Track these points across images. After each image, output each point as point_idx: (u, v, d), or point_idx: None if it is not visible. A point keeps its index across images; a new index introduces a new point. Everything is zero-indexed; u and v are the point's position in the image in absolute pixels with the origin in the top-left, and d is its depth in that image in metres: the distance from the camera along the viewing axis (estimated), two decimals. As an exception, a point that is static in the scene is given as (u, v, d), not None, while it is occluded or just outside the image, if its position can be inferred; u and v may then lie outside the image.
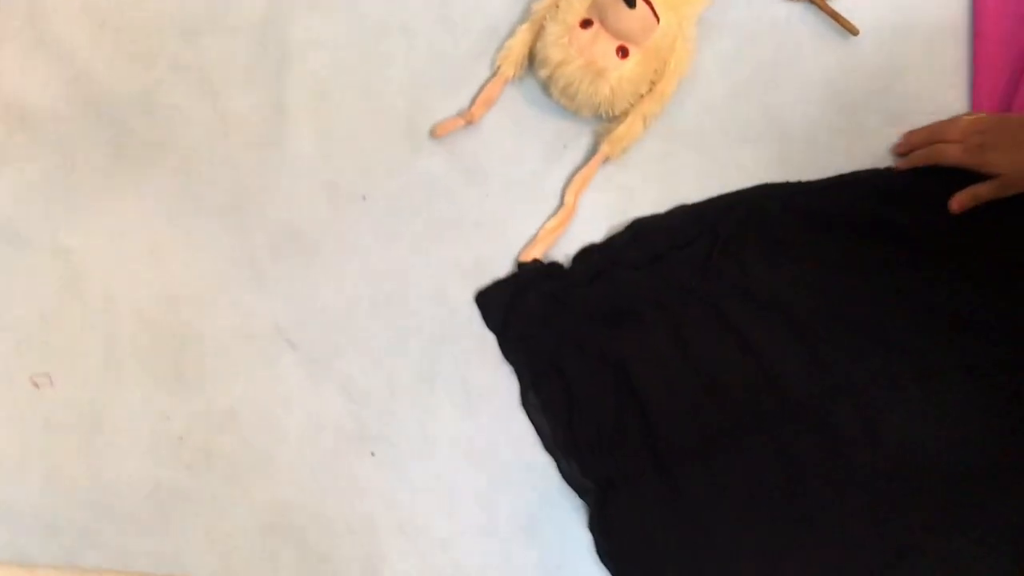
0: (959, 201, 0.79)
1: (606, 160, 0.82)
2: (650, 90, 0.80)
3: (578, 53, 0.78)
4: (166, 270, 0.79)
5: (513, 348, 0.79)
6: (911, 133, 0.83)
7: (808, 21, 0.86)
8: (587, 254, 0.80)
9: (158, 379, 0.77)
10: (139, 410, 0.77)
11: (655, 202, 0.82)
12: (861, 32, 0.85)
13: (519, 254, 0.80)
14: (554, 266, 0.80)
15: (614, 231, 0.81)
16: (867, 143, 0.84)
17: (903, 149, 0.83)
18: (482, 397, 0.79)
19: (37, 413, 0.76)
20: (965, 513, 0.75)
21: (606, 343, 0.78)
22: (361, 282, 0.80)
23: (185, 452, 0.76)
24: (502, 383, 0.79)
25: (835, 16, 0.85)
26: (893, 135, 0.84)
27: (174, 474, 0.76)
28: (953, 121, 0.81)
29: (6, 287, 0.78)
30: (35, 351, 0.77)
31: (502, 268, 0.80)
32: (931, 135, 0.81)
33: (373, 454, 0.77)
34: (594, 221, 0.81)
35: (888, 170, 0.82)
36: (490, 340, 0.79)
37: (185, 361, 0.78)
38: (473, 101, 0.82)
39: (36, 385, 0.76)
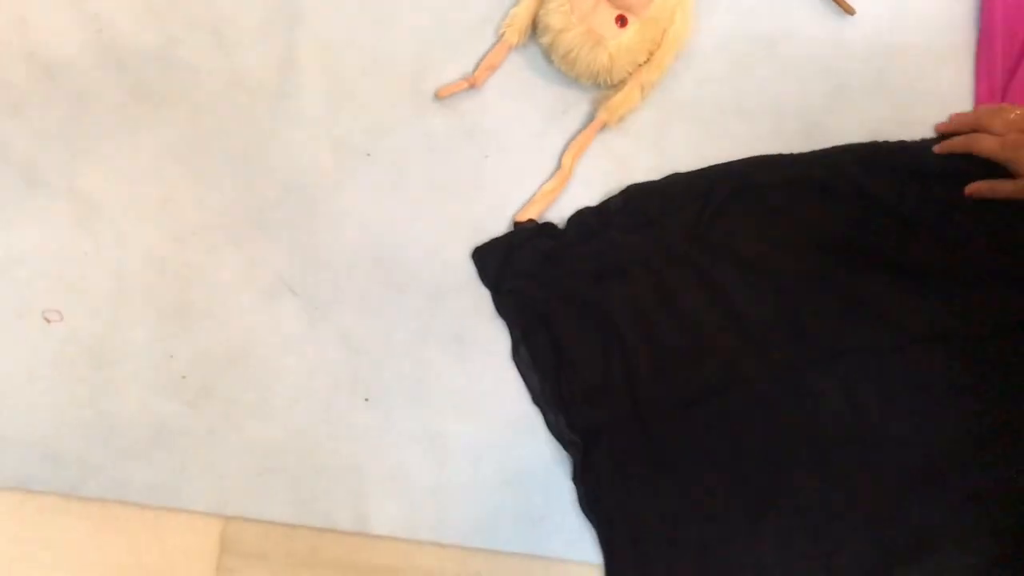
0: (976, 188, 0.79)
1: (603, 127, 0.84)
2: (648, 60, 0.83)
3: (579, 21, 0.80)
4: (175, 213, 0.82)
5: (506, 304, 0.81)
6: (957, 116, 0.84)
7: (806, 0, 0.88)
8: (581, 216, 0.83)
9: (163, 318, 0.80)
10: (144, 347, 0.80)
11: (650, 169, 0.84)
12: (858, 12, 0.87)
13: (516, 214, 0.83)
14: (549, 226, 0.82)
15: (609, 195, 0.83)
16: (861, 121, 0.86)
17: (945, 129, 0.84)
18: (475, 351, 0.81)
19: (46, 347, 0.79)
20: (941, 480, 0.77)
21: (594, 298, 0.80)
22: (362, 235, 0.82)
23: (187, 390, 0.79)
24: (495, 338, 0.81)
25: (833, -5, 0.87)
26: (887, 114, 0.86)
27: (176, 409, 0.79)
28: (1000, 112, 0.81)
29: (21, 224, 0.81)
30: (47, 287, 0.80)
31: (499, 227, 0.83)
32: (975, 122, 0.82)
33: (367, 400, 0.80)
34: (590, 185, 0.84)
35: (877, 143, 0.84)
36: (485, 296, 0.82)
37: (190, 301, 0.80)
38: (477, 65, 0.85)
39: (48, 320, 0.80)
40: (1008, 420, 0.77)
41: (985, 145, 0.79)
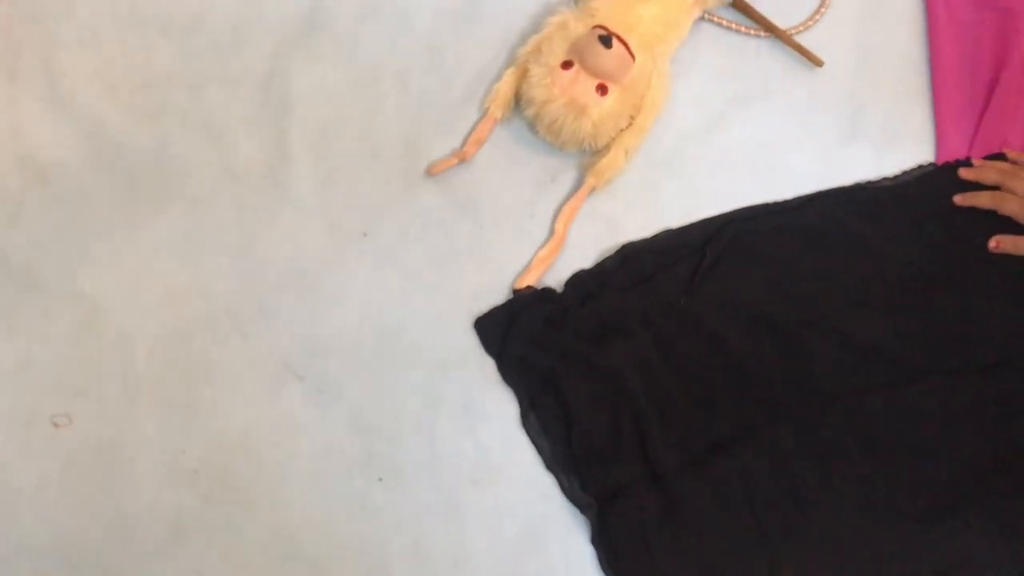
0: (999, 242, 0.82)
1: (592, 191, 0.86)
2: (630, 124, 0.85)
3: (561, 92, 0.83)
4: (177, 307, 0.82)
5: (511, 371, 0.82)
6: (982, 168, 0.86)
7: (775, 55, 0.92)
8: (578, 278, 0.84)
9: (172, 413, 0.80)
10: (155, 444, 0.80)
11: (640, 228, 0.86)
12: (825, 64, 0.91)
13: (514, 282, 0.84)
14: (547, 291, 0.84)
15: (603, 256, 0.85)
16: (839, 166, 0.89)
17: (969, 176, 0.86)
18: (485, 420, 0.82)
19: (57, 452, 0.79)
20: (954, 513, 0.78)
21: (598, 359, 0.81)
22: (364, 314, 0.83)
23: (200, 483, 0.79)
24: (503, 406, 0.82)
25: (800, 49, 0.91)
26: (863, 157, 0.89)
27: (191, 504, 0.78)
28: (1012, 181, 0.83)
29: (24, 330, 0.81)
30: (54, 391, 0.80)
31: (498, 296, 0.84)
32: (1001, 178, 0.84)
33: (381, 479, 0.80)
34: (583, 248, 0.86)
35: (861, 185, 0.87)
36: (490, 365, 0.83)
37: (198, 394, 0.81)
38: (465, 141, 0.87)
39: (56, 425, 0.79)
40: (1012, 448, 0.79)
41: (1009, 207, 0.82)
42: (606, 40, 0.81)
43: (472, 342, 0.83)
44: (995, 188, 0.85)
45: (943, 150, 0.89)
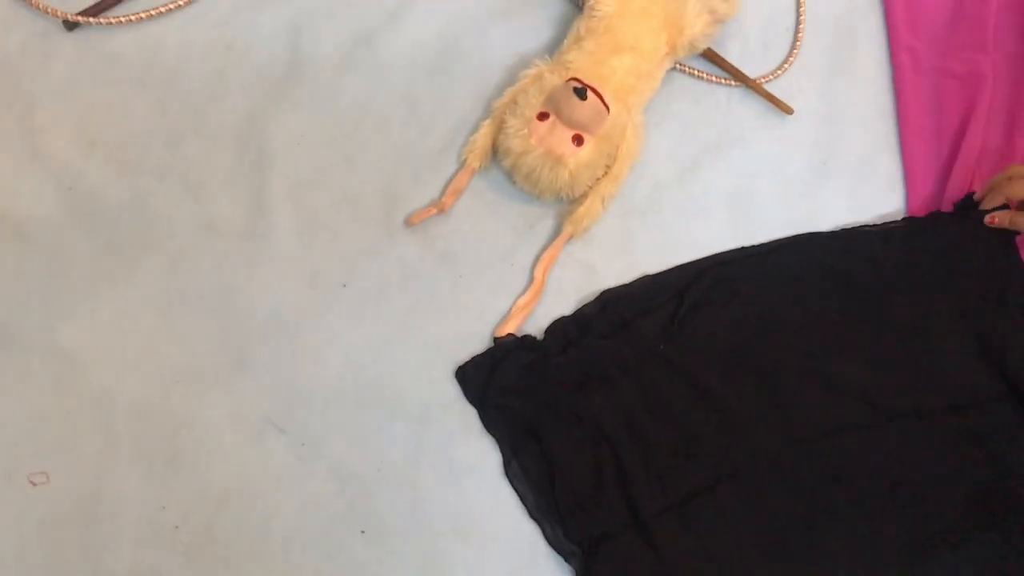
0: (995, 217, 0.85)
1: (570, 239, 0.87)
2: (606, 173, 0.87)
3: (537, 143, 0.84)
4: (157, 362, 0.82)
5: (493, 420, 0.82)
6: (989, 192, 0.86)
7: (747, 103, 0.94)
8: (559, 325, 0.85)
9: (152, 469, 0.79)
10: (135, 501, 0.79)
11: (618, 274, 0.87)
12: (795, 112, 0.93)
13: (494, 330, 0.85)
14: (528, 339, 0.84)
15: (582, 303, 0.86)
16: (812, 210, 0.91)
17: (984, 197, 0.87)
18: (467, 470, 0.82)
19: (34, 510, 0.78)
20: (936, 551, 0.79)
21: (579, 406, 0.82)
22: (344, 365, 0.83)
23: (181, 540, 0.78)
24: (486, 455, 0.82)
25: (770, 98, 0.93)
26: (837, 202, 0.91)
27: (172, 561, 0.77)
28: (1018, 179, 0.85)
29: (1, 387, 0.80)
30: (31, 449, 0.79)
31: (479, 345, 0.85)
32: (1009, 194, 0.85)
33: (363, 532, 0.80)
34: (562, 295, 0.87)
35: (842, 230, 0.90)
36: (472, 415, 0.83)
37: (178, 449, 0.80)
38: (443, 191, 0.88)
39: (33, 484, 0.78)
40: (992, 488, 0.80)
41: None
42: (581, 92, 0.82)
43: (453, 391, 0.84)
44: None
45: (913, 198, 0.91)
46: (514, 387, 0.82)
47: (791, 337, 0.85)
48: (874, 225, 0.90)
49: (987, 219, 0.86)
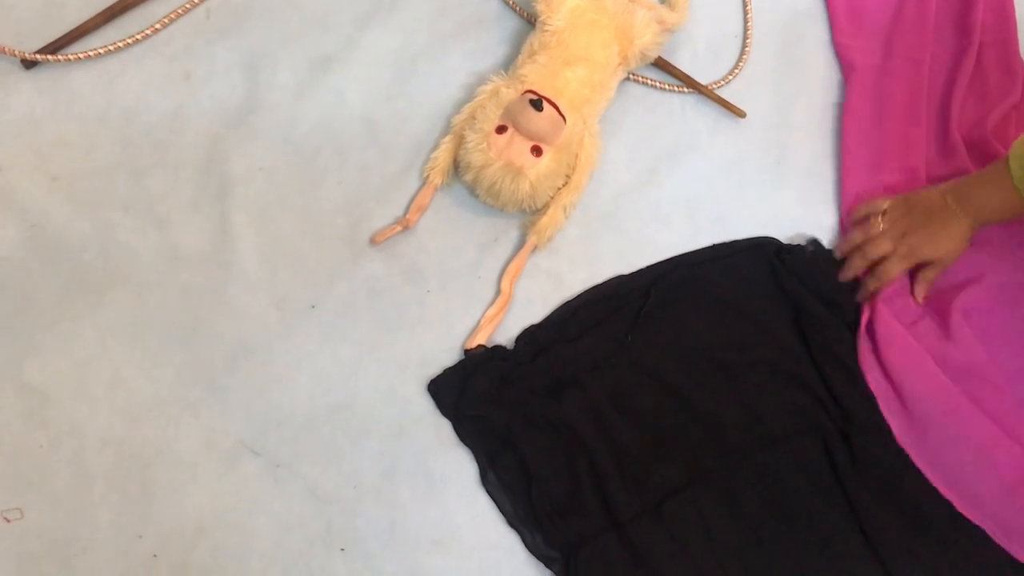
0: (919, 292, 0.86)
1: (534, 249, 0.88)
2: (566, 183, 0.88)
3: (497, 156, 0.85)
4: (127, 393, 0.82)
5: (468, 431, 0.83)
6: (848, 265, 0.87)
7: (701, 109, 0.96)
8: (528, 334, 0.86)
9: (127, 499, 0.79)
10: (111, 532, 0.78)
11: (583, 282, 0.88)
12: (748, 115, 0.95)
13: (464, 343, 0.85)
14: (499, 349, 0.85)
15: (549, 311, 0.87)
16: (768, 208, 0.93)
17: (847, 277, 0.88)
18: (444, 483, 0.82)
19: (8, 547, 0.77)
20: (913, 551, 0.80)
21: (552, 412, 0.82)
22: (316, 386, 0.84)
23: (160, 569, 0.77)
24: (462, 467, 0.82)
25: (723, 103, 0.95)
26: (790, 200, 0.93)
27: (150, 591, 0.77)
28: (873, 235, 0.86)
29: (-28, 428, 0.80)
30: (4, 486, 0.78)
31: (450, 358, 0.85)
32: (865, 256, 0.86)
33: (343, 550, 0.79)
34: (530, 304, 0.88)
35: (787, 247, 0.91)
36: (446, 427, 0.83)
37: (152, 478, 0.80)
38: (407, 209, 0.89)
39: (7, 520, 0.78)
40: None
41: (892, 271, 0.86)
42: (537, 104, 0.84)
43: (426, 406, 0.84)
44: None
45: (846, 196, 0.93)
46: (487, 397, 0.83)
47: (755, 336, 0.86)
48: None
49: (916, 297, 0.86)
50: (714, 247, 0.90)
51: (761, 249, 0.90)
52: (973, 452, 0.81)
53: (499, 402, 0.83)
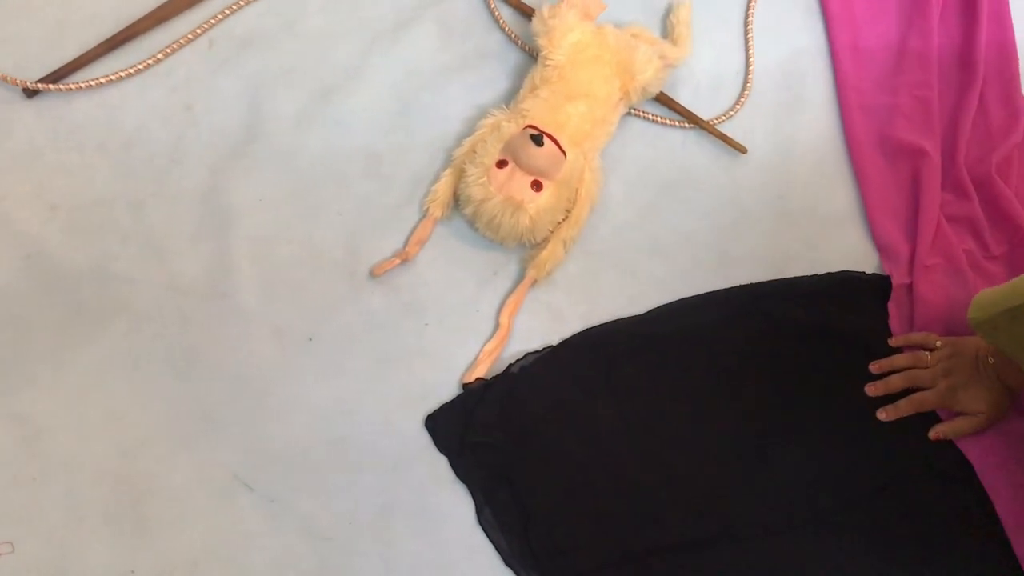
0: (937, 432, 0.83)
1: (533, 283, 0.88)
2: (566, 217, 0.88)
3: (497, 190, 0.85)
4: (122, 426, 0.81)
5: (465, 467, 0.82)
6: (887, 381, 0.85)
7: (701, 144, 0.96)
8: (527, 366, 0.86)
9: (120, 533, 0.78)
10: (103, 567, 0.77)
11: (582, 316, 0.88)
12: (749, 150, 0.95)
13: (462, 377, 0.85)
14: (496, 383, 0.84)
15: (547, 345, 0.87)
16: (768, 245, 0.92)
17: (879, 371, 0.86)
18: (440, 520, 0.81)
19: (-1, 583, 0.77)
20: None
21: (552, 444, 0.82)
22: (312, 420, 0.83)
23: (151, 605, 0.77)
24: (458, 503, 0.82)
25: (724, 138, 0.95)
26: (792, 236, 0.93)
27: (141, 628, 0.76)
28: (920, 372, 0.84)
29: (-35, 459, 0.80)
30: (-4, 520, 0.78)
31: (447, 392, 0.85)
32: (906, 379, 0.85)
33: (338, 587, 0.79)
34: (529, 339, 0.87)
35: (782, 280, 0.91)
36: (443, 464, 0.82)
37: (146, 512, 0.79)
38: (407, 241, 0.89)
39: (-3, 554, 0.77)
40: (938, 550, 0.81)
41: (928, 403, 0.84)
42: (538, 139, 0.84)
43: (423, 441, 0.83)
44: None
45: (878, 235, 0.92)
46: (485, 431, 0.82)
47: (767, 392, 0.86)
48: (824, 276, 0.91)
49: (931, 435, 0.83)
50: (727, 289, 0.90)
51: (774, 296, 0.90)
52: None
53: (496, 437, 0.82)
